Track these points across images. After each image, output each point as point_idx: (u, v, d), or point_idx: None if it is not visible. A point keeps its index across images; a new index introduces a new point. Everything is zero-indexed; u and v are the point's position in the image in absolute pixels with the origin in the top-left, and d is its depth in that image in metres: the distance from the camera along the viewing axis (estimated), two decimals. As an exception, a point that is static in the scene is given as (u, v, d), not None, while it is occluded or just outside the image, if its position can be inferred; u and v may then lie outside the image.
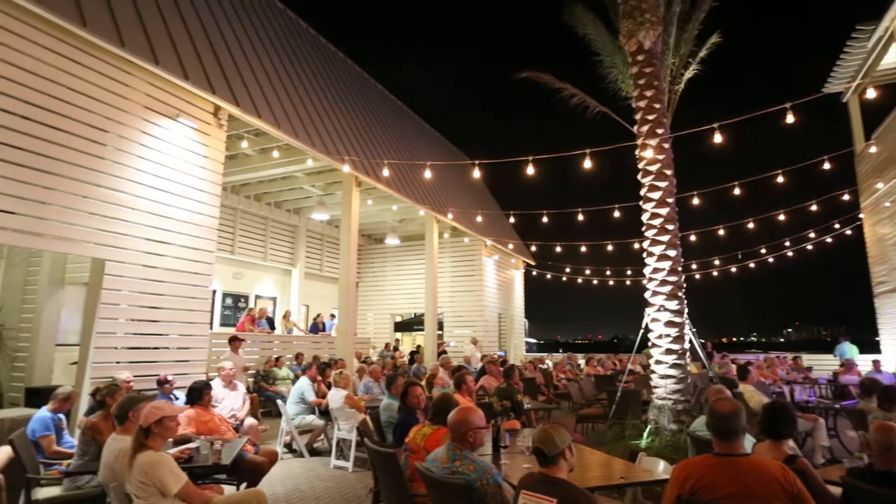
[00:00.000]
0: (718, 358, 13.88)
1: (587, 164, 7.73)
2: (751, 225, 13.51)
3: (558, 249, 16.58)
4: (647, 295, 6.77)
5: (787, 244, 15.51)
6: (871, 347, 14.02)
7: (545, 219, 12.25)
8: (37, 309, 7.61)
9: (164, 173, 6.61)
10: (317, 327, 12.90)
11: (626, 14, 6.87)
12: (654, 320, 6.65)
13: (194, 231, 6.96)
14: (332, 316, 13.39)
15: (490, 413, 4.88)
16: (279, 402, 6.97)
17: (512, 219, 14.36)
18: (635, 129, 7.07)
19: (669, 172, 6.76)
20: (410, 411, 4.29)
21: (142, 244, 6.28)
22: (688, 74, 7.55)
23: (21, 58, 5.13)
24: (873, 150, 12.62)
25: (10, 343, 7.71)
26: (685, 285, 6.79)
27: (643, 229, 6.90)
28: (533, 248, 17.95)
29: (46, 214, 5.32)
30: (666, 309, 6.55)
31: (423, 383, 7.62)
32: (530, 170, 7.99)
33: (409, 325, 16.70)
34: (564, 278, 19.13)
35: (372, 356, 13.17)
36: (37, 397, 6.37)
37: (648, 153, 6.80)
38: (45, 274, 7.70)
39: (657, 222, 6.73)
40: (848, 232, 14.52)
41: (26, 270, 7.91)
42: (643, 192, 6.90)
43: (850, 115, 13.80)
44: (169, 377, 5.90)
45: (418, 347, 15.37)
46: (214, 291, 11.95)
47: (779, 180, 9.98)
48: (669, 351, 6.46)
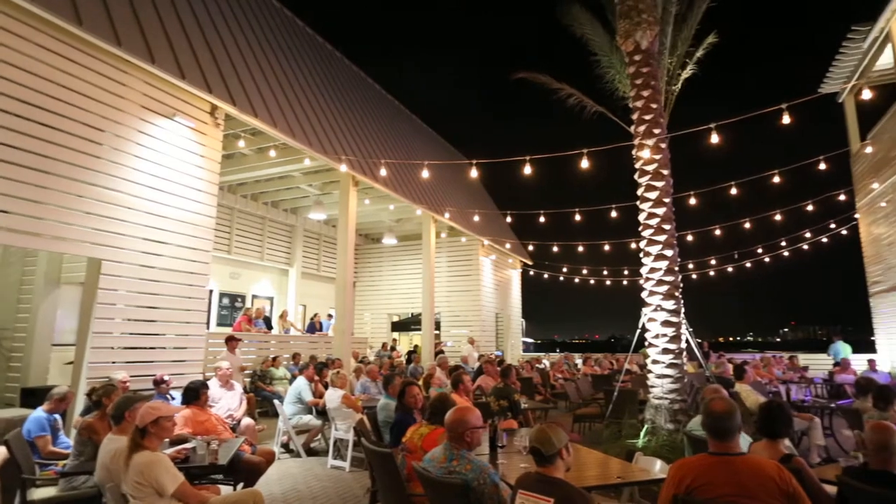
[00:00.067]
0: (715, 357, 13.94)
1: (584, 164, 7.75)
2: (747, 225, 13.59)
3: (555, 249, 16.65)
4: (644, 295, 6.79)
5: (784, 244, 15.60)
6: (867, 347, 14.07)
7: (542, 218, 12.28)
8: (33, 309, 7.58)
9: (161, 173, 6.59)
10: (314, 327, 12.88)
11: (623, 14, 6.88)
12: (651, 320, 6.67)
13: (191, 231, 6.95)
14: (330, 316, 13.37)
15: (487, 413, 4.88)
16: (276, 402, 6.96)
17: (509, 218, 14.36)
18: (632, 129, 7.08)
19: (666, 172, 6.78)
20: (407, 411, 4.29)
21: (138, 244, 6.26)
22: (685, 74, 7.56)
23: (17, 56, 5.11)
24: (869, 151, 12.67)
25: (6, 343, 7.68)
26: (682, 285, 6.80)
27: (640, 229, 6.92)
28: (530, 248, 17.99)
29: (42, 214, 5.30)
30: (663, 309, 6.57)
31: (421, 383, 7.64)
32: (527, 169, 8.00)
33: (407, 325, 16.69)
34: (561, 278, 19.20)
35: (369, 356, 13.17)
36: (32, 397, 6.35)
37: (645, 153, 6.82)
38: (41, 273, 7.67)
39: (654, 222, 6.74)
40: (844, 232, 14.61)
41: (22, 270, 7.88)
42: (640, 192, 6.92)
43: (846, 116, 13.87)
44: (165, 377, 5.88)
45: (415, 347, 15.38)
46: (211, 291, 11.91)
47: (775, 180, 10.05)
48: (666, 350, 6.48)
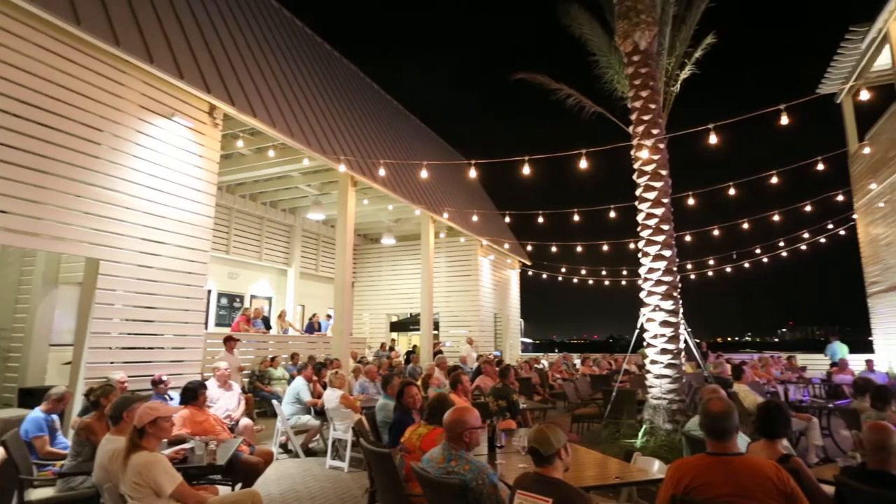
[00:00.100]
0: (713, 358, 13.96)
1: (583, 165, 7.76)
2: (745, 225, 13.61)
3: (554, 249, 16.66)
4: (643, 295, 6.79)
5: (782, 244, 15.63)
6: (865, 347, 14.10)
7: (541, 219, 12.30)
8: (30, 309, 7.56)
9: (160, 173, 6.58)
10: (312, 327, 12.86)
11: (622, 15, 6.89)
12: (650, 320, 6.68)
13: (189, 231, 6.94)
14: (328, 316, 13.35)
15: (486, 413, 4.88)
16: (274, 403, 6.95)
17: (508, 219, 14.36)
18: (631, 130, 7.09)
19: (665, 173, 6.79)
20: (406, 411, 4.29)
21: (137, 244, 6.25)
22: (683, 75, 7.57)
23: (15, 56, 5.10)
24: (867, 151, 12.69)
25: (4, 343, 7.66)
26: (680, 285, 6.81)
27: (638, 229, 6.93)
28: (529, 248, 18.00)
29: (41, 214, 5.29)
30: (661, 309, 6.58)
31: (419, 383, 7.63)
32: (526, 170, 8.01)
33: (405, 325, 16.68)
34: (560, 278, 19.21)
35: (368, 356, 13.15)
36: (30, 398, 6.32)
37: (644, 153, 6.82)
38: (39, 273, 7.65)
39: (652, 222, 6.75)
40: (842, 232, 14.64)
41: (20, 270, 7.86)
42: (639, 193, 6.93)
43: (844, 117, 13.89)
44: (163, 377, 5.87)
45: (414, 347, 15.38)
46: (209, 291, 11.91)
47: (773, 181, 10.06)
48: (664, 351, 6.49)
